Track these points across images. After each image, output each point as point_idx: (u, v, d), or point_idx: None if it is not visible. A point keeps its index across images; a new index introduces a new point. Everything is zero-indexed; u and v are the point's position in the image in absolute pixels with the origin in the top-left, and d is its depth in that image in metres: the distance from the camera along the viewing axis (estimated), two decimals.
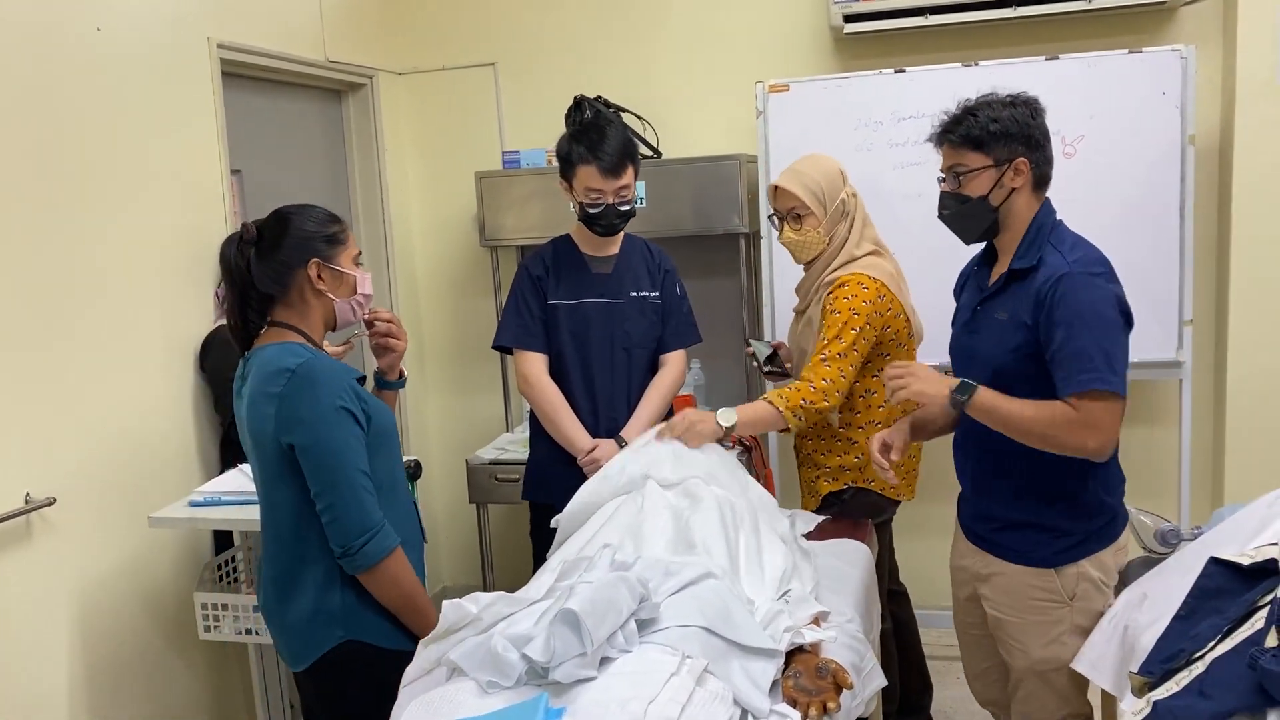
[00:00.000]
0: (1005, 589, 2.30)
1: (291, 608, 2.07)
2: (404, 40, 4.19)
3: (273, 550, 2.11)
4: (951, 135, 2.18)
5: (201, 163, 3.07)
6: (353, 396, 2.01)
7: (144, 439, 2.80)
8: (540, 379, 2.88)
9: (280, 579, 2.09)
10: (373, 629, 2.07)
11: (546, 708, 1.53)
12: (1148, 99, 3.27)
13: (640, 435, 2.63)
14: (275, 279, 2.07)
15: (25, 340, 2.45)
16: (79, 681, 2.60)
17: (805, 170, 2.73)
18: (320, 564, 2.04)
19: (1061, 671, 2.27)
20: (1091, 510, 2.23)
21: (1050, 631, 2.26)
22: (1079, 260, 2.12)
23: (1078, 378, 2.05)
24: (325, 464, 1.97)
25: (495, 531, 3.99)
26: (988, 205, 2.17)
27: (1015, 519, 2.26)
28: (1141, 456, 3.67)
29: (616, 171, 2.73)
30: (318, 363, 2.01)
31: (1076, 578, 2.23)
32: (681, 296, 2.97)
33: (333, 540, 1.99)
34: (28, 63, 2.48)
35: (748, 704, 1.66)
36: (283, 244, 2.06)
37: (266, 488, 2.09)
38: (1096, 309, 2.08)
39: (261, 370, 2.01)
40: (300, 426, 1.96)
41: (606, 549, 1.98)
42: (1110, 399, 2.06)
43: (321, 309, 2.12)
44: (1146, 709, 1.65)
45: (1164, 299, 3.33)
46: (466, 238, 4.26)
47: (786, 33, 3.85)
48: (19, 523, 2.43)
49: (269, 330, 2.10)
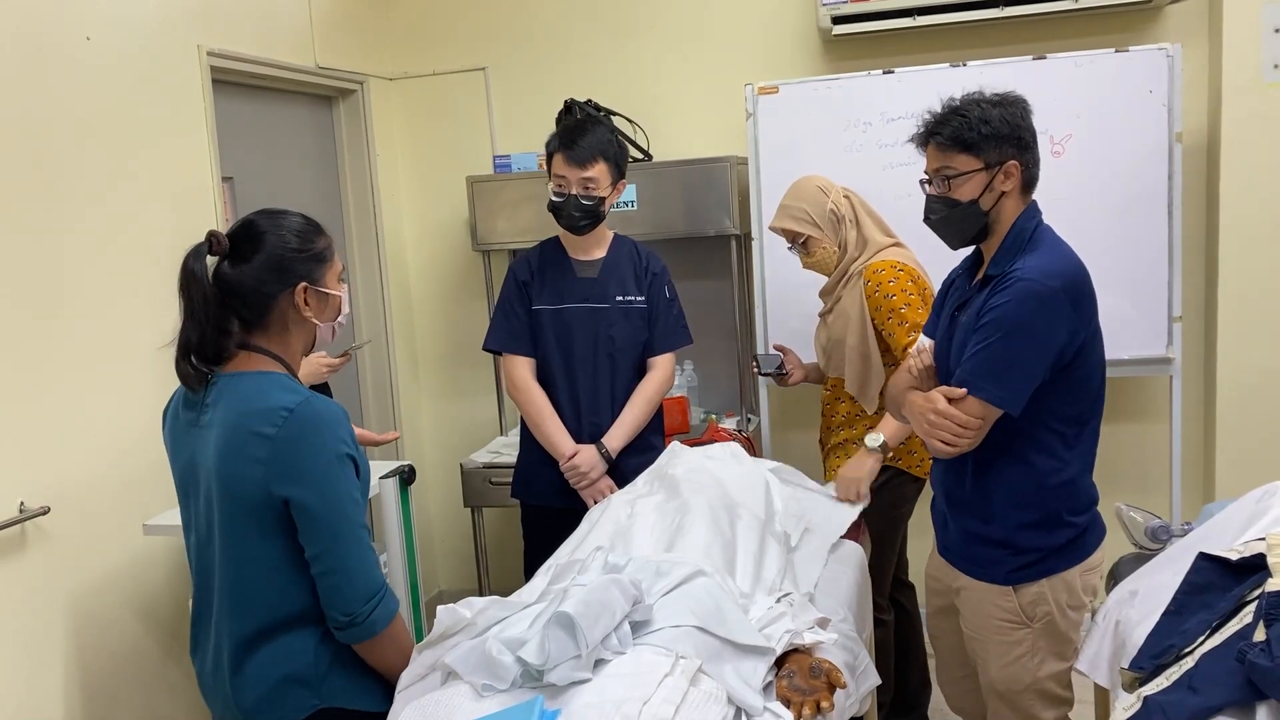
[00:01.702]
0: (968, 605, 2.26)
1: (251, 675, 1.81)
2: (394, 45, 4.20)
3: (237, 609, 1.81)
4: (939, 136, 2.09)
5: (193, 170, 3.07)
6: (352, 441, 1.80)
7: (137, 447, 2.80)
8: (526, 382, 2.89)
9: (243, 643, 1.81)
10: (348, 692, 1.85)
11: (542, 710, 1.54)
12: (1135, 97, 3.29)
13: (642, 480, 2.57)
14: (252, 303, 1.80)
15: (18, 349, 2.45)
16: (74, 689, 2.60)
17: (788, 204, 2.86)
18: (300, 627, 1.80)
19: (1026, 694, 2.21)
20: (1052, 527, 2.14)
21: (1009, 652, 2.20)
22: (1034, 268, 2.03)
23: (975, 381, 2.04)
24: (328, 523, 1.73)
25: (490, 535, 4.00)
26: (978, 209, 2.09)
27: (976, 532, 2.20)
28: (1132, 453, 3.70)
29: (583, 162, 2.74)
30: (318, 402, 1.77)
31: (1036, 598, 2.15)
32: (671, 299, 2.97)
33: (333, 607, 1.76)
34: (18, 73, 2.48)
35: (742, 703, 1.67)
36: (261, 263, 1.79)
37: (234, 540, 1.79)
38: (1020, 320, 2.01)
39: (245, 404, 1.76)
40: (303, 480, 1.72)
41: (599, 551, 1.99)
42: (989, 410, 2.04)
43: (303, 334, 1.88)
44: (1137, 704, 1.66)
45: (1153, 296, 3.35)
46: (459, 242, 4.27)
47: (775, 35, 3.86)
48: (14, 531, 2.43)
49: (243, 356, 1.83)
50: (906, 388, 2.26)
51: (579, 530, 2.35)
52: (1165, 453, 3.52)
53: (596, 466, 2.80)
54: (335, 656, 1.83)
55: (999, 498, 2.14)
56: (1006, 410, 2.02)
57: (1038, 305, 1.99)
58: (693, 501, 2.21)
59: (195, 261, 1.79)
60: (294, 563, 1.78)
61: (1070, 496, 2.15)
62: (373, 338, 4.09)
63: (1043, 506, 2.13)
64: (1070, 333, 2.03)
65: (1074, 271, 2.07)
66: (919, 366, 2.29)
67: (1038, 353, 2.01)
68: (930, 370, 2.28)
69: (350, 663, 1.85)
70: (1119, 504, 2.54)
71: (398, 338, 4.22)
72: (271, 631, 1.80)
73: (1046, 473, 2.11)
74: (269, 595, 1.79)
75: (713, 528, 2.13)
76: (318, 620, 1.81)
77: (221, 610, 1.85)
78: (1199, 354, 3.64)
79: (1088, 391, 2.13)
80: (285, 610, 1.80)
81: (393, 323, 4.18)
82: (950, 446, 2.07)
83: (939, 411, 2.05)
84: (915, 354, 2.31)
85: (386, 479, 2.62)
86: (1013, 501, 2.13)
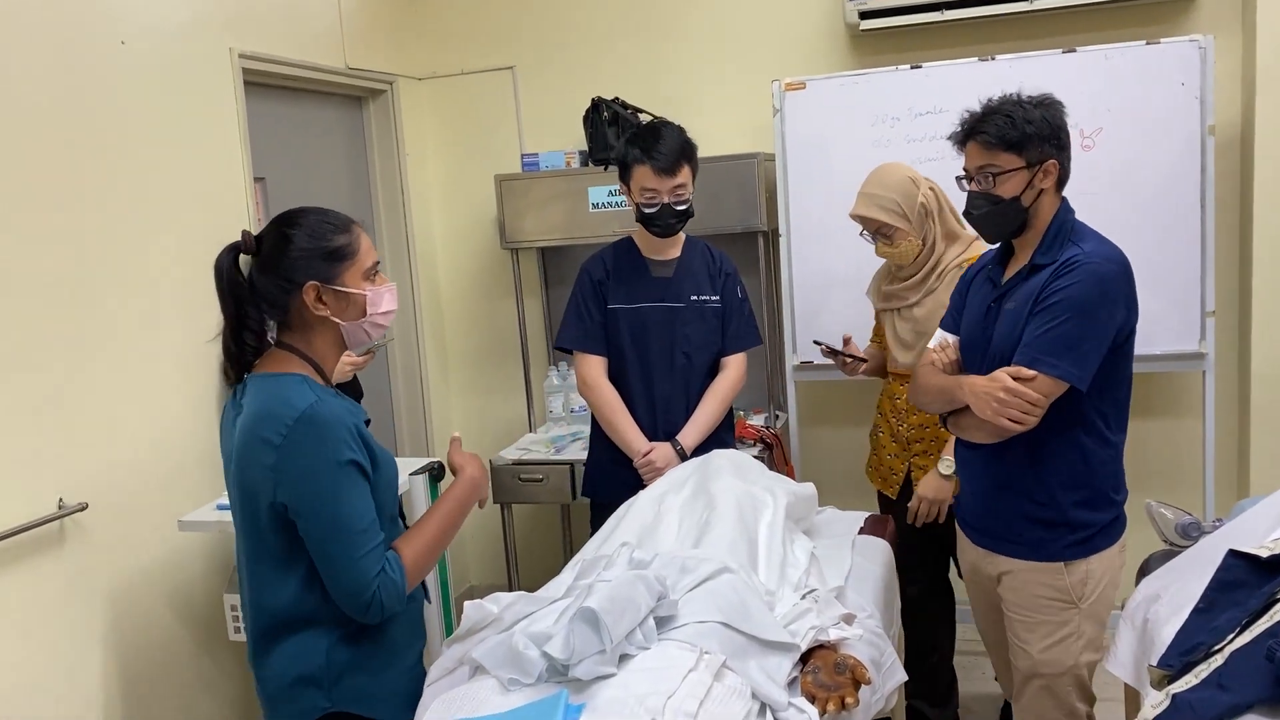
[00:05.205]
0: (1014, 587, 2.31)
1: (270, 669, 1.83)
2: (423, 46, 4.23)
3: (254, 604, 1.85)
4: (985, 135, 2.17)
5: (225, 170, 3.12)
6: (358, 445, 1.76)
7: (172, 444, 2.85)
8: (598, 381, 2.91)
9: (260, 637, 1.84)
10: (362, 699, 1.83)
11: (566, 704, 1.56)
12: (1167, 90, 3.25)
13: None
14: (271, 301, 1.80)
15: (55, 348, 2.50)
16: (113, 681, 2.65)
17: (876, 193, 2.78)
18: (312, 628, 1.80)
19: (1065, 678, 2.26)
20: (1099, 505, 2.23)
21: (1055, 633, 2.26)
22: (1096, 253, 2.15)
23: (1046, 359, 2.10)
24: (318, 531, 1.72)
25: (520, 531, 4.03)
26: (1019, 206, 2.18)
27: (1030, 514, 2.26)
28: (1165, 449, 3.66)
29: (671, 170, 2.76)
30: (324, 408, 1.73)
31: (1085, 575, 2.23)
32: (743, 299, 2.99)
33: (342, 606, 1.76)
34: (54, 76, 2.53)
35: (766, 698, 1.68)
36: (279, 262, 1.78)
37: (249, 538, 1.82)
38: (1089, 300, 2.10)
39: (258, 407, 1.76)
40: (298, 487, 1.71)
41: (624, 547, 2.00)
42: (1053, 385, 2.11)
43: (329, 334, 1.84)
44: (1166, 702, 1.65)
45: (1186, 290, 3.31)
46: (487, 240, 4.29)
47: (802, 31, 3.85)
48: (52, 527, 2.48)
49: (273, 354, 1.83)
50: (943, 376, 2.32)
51: (605, 526, 2.36)
52: (1198, 449, 3.48)
53: (672, 463, 2.80)
54: (350, 662, 1.81)
55: (1053, 477, 2.21)
56: (1077, 385, 2.09)
57: (1104, 287, 2.10)
58: (720, 499, 2.21)
59: (220, 260, 1.80)
60: (304, 566, 1.77)
61: (1114, 476, 2.26)
62: (394, 336, 4.12)
63: (1091, 485, 2.22)
64: (1125, 315, 2.14)
65: (1125, 258, 2.18)
66: (946, 360, 2.35)
67: (1103, 331, 2.11)
68: (956, 364, 2.34)
69: (367, 669, 1.83)
70: (1149, 500, 2.52)
71: (427, 335, 4.26)
72: (285, 630, 1.80)
73: (1095, 452, 2.20)
74: (281, 595, 1.79)
75: (738, 525, 2.13)
76: (334, 623, 1.79)
77: (244, 603, 1.89)
78: (1232, 349, 3.60)
79: (1129, 374, 2.24)
80: (297, 611, 1.79)
81: (422, 320, 4.22)
82: (1018, 425, 2.11)
83: (1009, 389, 2.10)
84: (939, 349, 2.38)
85: (416, 475, 2.64)
86: (1067, 481, 2.21)
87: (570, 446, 3.77)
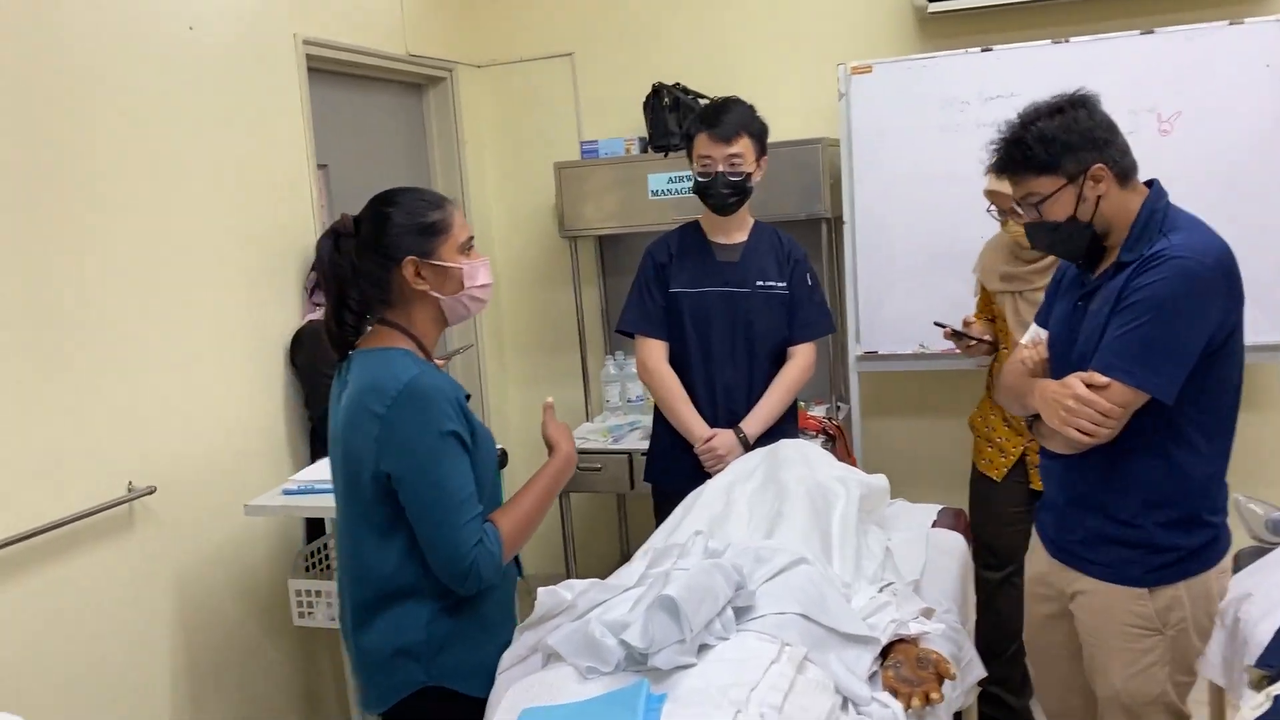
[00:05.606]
0: (1091, 609, 2.10)
1: (370, 640, 1.86)
2: (482, 33, 4.22)
3: (355, 575, 1.88)
4: (1013, 166, 1.98)
5: (290, 157, 3.12)
6: (460, 417, 1.80)
7: (238, 430, 2.86)
8: (659, 366, 2.86)
9: (360, 608, 1.87)
10: (459, 674, 1.85)
11: (648, 694, 1.53)
12: (1249, 72, 3.14)
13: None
14: (373, 279, 1.85)
15: (125, 335, 2.52)
16: (180, 664, 2.67)
17: None
18: (413, 600, 1.83)
19: (1152, 707, 2.05)
20: (1191, 526, 1.99)
21: (1137, 661, 2.04)
22: (1185, 246, 1.89)
23: (1122, 365, 1.88)
24: (419, 500, 1.76)
25: (578, 520, 4.01)
26: (1079, 225, 1.95)
27: (1108, 533, 2.05)
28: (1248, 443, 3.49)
29: (728, 137, 2.70)
30: (427, 379, 1.78)
31: (1171, 602, 2.00)
32: (813, 286, 2.90)
33: (440, 576, 1.79)
34: (124, 62, 2.54)
35: (848, 692, 1.63)
36: (378, 239, 1.83)
37: (352, 509, 1.87)
38: (1173, 299, 1.86)
39: (363, 380, 1.80)
40: (403, 456, 1.75)
41: (699, 536, 1.96)
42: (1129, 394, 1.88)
43: (429, 309, 1.88)
44: (1267, 704, 1.58)
45: (1268, 280, 3.18)
46: (546, 228, 4.27)
47: (868, 12, 3.78)
48: (122, 510, 2.50)
49: (376, 331, 1.89)
50: (1023, 377, 2.14)
51: (673, 516, 2.31)
52: None
53: (734, 450, 2.74)
54: (449, 635, 1.84)
55: (1135, 494, 2.00)
56: (1158, 396, 1.86)
57: (1192, 284, 1.86)
58: (792, 489, 2.17)
59: (321, 243, 1.88)
60: (405, 536, 1.80)
61: (1210, 494, 2.01)
62: (472, 343, 4.11)
63: (1182, 504, 1.98)
64: (1223, 313, 1.90)
65: (1225, 249, 1.92)
66: (1035, 359, 2.15)
67: (1191, 335, 1.86)
68: (1044, 364, 2.15)
69: (465, 644, 1.85)
70: (1236, 495, 2.42)
71: (485, 324, 4.25)
72: (385, 601, 1.83)
73: (1187, 467, 1.97)
74: (381, 566, 1.83)
75: (811, 516, 2.09)
76: (434, 595, 1.82)
77: (343, 574, 1.93)
78: None
79: (1233, 379, 1.98)
80: (397, 582, 1.82)
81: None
82: (1088, 436, 1.90)
83: (1079, 397, 1.88)
84: (1031, 344, 2.18)
85: None
86: (1152, 498, 1.98)
87: (628, 436, 3.74)
